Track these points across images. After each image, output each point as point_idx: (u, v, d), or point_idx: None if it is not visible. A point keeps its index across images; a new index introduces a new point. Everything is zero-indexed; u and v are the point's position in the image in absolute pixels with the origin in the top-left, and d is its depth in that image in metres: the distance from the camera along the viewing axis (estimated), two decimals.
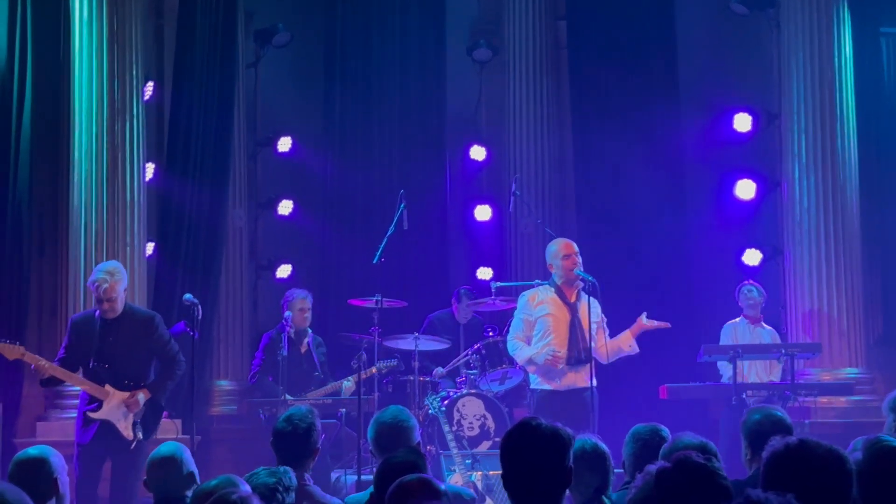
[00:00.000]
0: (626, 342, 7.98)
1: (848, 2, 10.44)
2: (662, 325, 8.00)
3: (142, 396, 7.43)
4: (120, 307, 7.46)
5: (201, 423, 9.30)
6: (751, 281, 9.60)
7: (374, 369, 8.98)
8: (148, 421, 7.51)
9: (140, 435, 7.38)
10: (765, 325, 9.53)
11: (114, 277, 7.37)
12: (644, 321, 7.93)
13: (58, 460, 4.59)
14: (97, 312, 7.51)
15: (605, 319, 8.01)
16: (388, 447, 4.66)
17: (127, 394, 7.38)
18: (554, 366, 7.72)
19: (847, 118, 10.31)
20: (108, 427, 7.33)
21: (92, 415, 7.33)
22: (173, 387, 7.75)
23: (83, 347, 7.43)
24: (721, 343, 9.34)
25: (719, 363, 9.26)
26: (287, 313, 9.06)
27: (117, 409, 7.36)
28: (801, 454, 3.08)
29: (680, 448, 4.14)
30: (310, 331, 9.31)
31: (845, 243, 10.21)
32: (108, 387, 7.36)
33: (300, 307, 9.17)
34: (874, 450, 3.28)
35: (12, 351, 7.31)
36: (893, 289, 10.75)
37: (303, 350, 9.21)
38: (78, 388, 7.65)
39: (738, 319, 9.47)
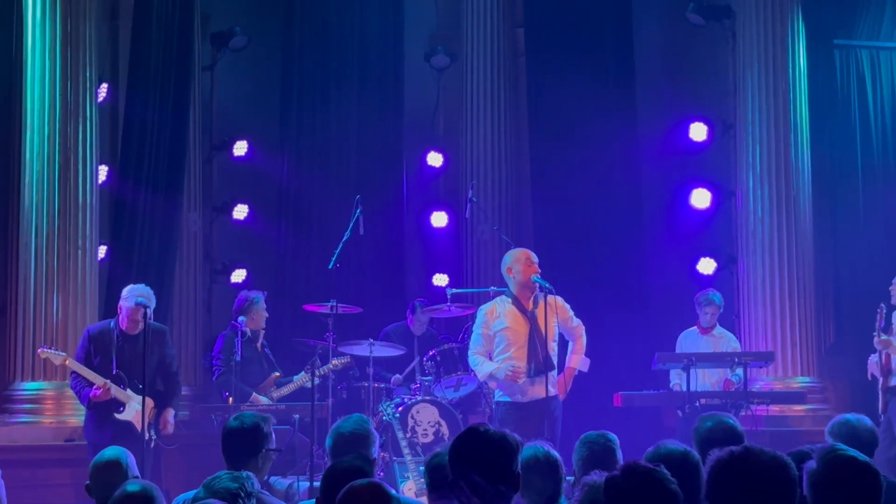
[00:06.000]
0: (578, 364, 7.98)
1: (803, 14, 10.55)
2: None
3: (171, 415, 8.05)
4: None
5: (161, 437, 9.20)
6: (710, 289, 9.60)
7: (330, 366, 8.91)
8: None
9: (154, 434, 7.86)
10: (715, 333, 9.46)
11: (153, 303, 7.91)
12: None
13: None
14: (112, 323, 7.95)
15: (578, 322, 8.00)
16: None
17: (145, 398, 7.73)
18: (514, 381, 7.68)
19: (801, 128, 10.41)
20: (127, 427, 7.73)
21: (118, 416, 7.77)
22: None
23: (103, 357, 7.81)
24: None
25: (671, 372, 9.32)
26: (241, 318, 8.96)
27: (136, 411, 7.74)
28: (744, 462, 3.08)
29: (662, 453, 4.13)
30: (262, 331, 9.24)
31: (798, 253, 10.30)
32: (129, 391, 7.79)
33: (263, 308, 9.08)
34: (829, 459, 3.27)
35: (56, 358, 7.89)
36: (845, 298, 10.85)
37: (259, 349, 9.14)
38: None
39: (691, 329, 9.53)
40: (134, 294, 7.89)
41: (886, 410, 8.58)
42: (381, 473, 8.22)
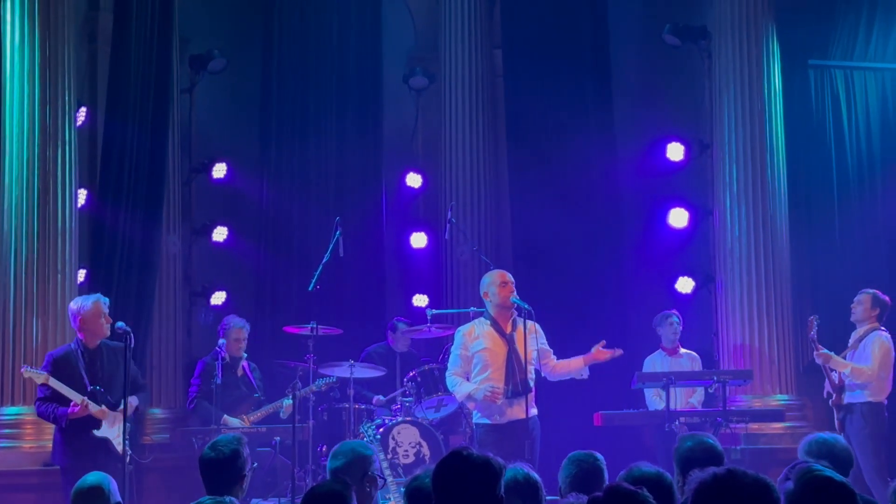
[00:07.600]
0: (577, 368, 7.96)
1: (777, 34, 10.65)
2: (616, 353, 7.95)
3: (135, 399, 7.80)
4: None
5: (134, 451, 9.16)
6: (673, 311, 9.73)
7: (313, 388, 8.93)
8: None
9: (129, 449, 7.63)
10: (682, 351, 9.64)
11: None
12: (601, 350, 7.86)
13: None
14: (73, 345, 7.76)
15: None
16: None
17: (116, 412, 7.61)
18: (493, 402, 7.67)
19: (777, 148, 10.50)
20: (103, 445, 7.60)
21: (96, 433, 7.61)
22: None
23: (72, 378, 7.65)
24: None
25: (646, 392, 9.41)
26: (221, 341, 9.01)
27: (111, 427, 7.62)
28: (727, 484, 3.09)
29: (636, 476, 4.15)
30: (245, 355, 9.28)
31: (775, 271, 10.37)
32: (103, 407, 7.64)
33: (235, 336, 9.15)
34: (806, 479, 3.29)
35: (39, 377, 7.63)
36: (822, 316, 10.88)
37: (239, 373, 9.18)
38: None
39: (655, 353, 9.64)
40: (79, 301, 7.80)
41: (844, 429, 8.60)
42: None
